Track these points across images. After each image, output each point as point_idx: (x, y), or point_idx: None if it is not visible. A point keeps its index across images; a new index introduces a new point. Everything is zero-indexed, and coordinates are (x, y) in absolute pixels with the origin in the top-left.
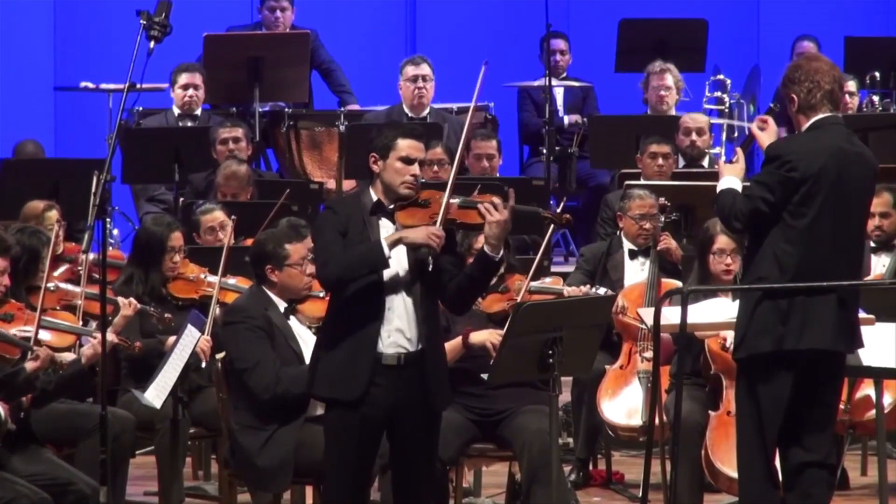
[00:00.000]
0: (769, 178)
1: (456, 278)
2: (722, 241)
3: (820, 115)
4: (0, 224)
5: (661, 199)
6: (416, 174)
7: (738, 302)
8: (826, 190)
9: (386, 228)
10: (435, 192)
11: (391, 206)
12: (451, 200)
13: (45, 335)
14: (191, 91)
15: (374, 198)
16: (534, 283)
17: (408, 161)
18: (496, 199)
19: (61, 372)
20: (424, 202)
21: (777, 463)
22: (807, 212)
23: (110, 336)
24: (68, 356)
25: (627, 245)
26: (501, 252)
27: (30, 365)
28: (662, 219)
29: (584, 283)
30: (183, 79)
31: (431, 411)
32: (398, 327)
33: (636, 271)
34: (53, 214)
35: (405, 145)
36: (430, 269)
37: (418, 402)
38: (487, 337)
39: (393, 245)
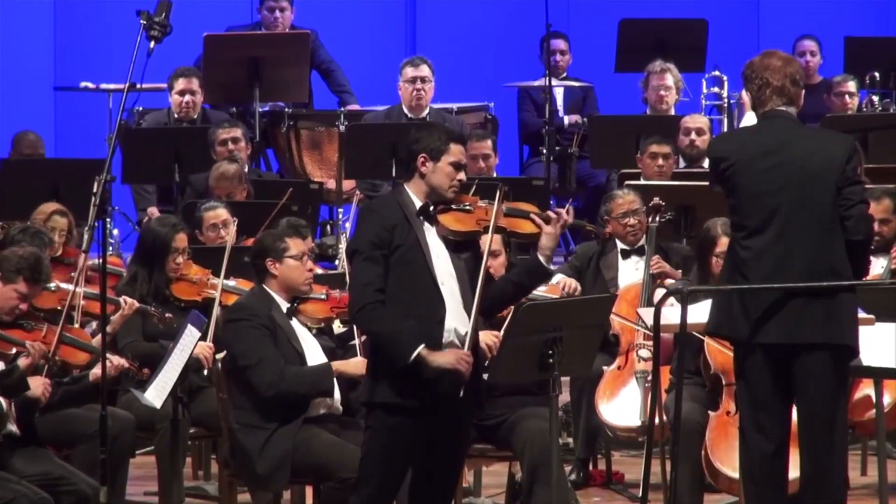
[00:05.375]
0: (714, 179)
1: (496, 283)
2: (724, 242)
3: (767, 108)
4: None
5: (656, 199)
6: (463, 180)
7: None
8: (743, 179)
9: (428, 231)
10: (472, 197)
11: (433, 209)
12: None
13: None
14: (187, 97)
15: (414, 199)
16: None
17: (458, 167)
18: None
19: (68, 385)
20: (467, 207)
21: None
22: (731, 200)
23: (119, 360)
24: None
25: (620, 245)
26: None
27: (23, 361)
28: (658, 219)
29: (570, 278)
30: (179, 84)
31: (477, 405)
32: (453, 327)
33: (630, 270)
34: (61, 222)
35: (457, 150)
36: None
37: (470, 397)
38: (483, 339)
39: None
